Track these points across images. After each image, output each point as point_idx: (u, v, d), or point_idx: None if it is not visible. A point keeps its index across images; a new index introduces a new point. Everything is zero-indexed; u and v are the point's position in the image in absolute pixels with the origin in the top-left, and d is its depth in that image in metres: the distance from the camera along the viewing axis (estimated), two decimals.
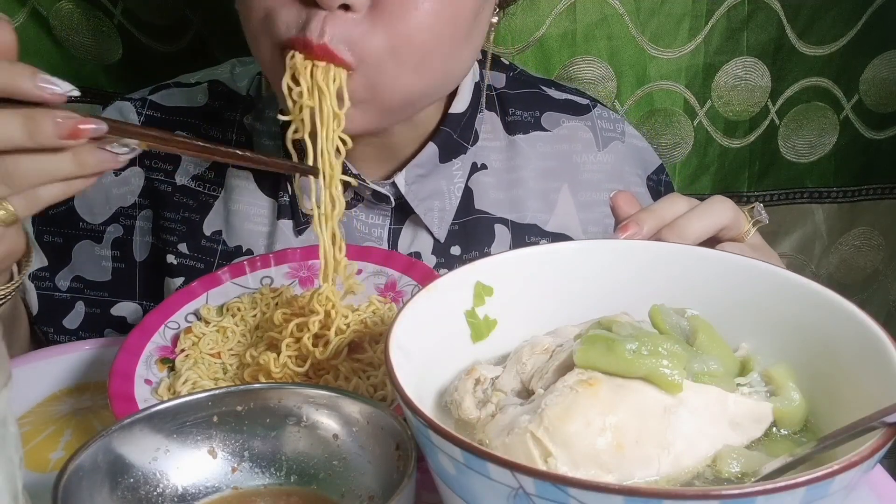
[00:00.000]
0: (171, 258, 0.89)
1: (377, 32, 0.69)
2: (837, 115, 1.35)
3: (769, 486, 0.37)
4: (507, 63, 0.99)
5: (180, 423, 0.52)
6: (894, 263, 1.48)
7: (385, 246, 0.87)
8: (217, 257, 0.88)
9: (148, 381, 0.69)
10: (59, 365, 0.77)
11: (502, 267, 0.59)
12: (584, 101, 0.96)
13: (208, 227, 0.89)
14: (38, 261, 0.90)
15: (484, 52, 0.88)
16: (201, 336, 0.73)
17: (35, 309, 0.90)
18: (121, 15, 1.14)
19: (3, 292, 0.69)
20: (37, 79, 0.57)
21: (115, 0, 1.13)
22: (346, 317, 0.70)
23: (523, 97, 0.94)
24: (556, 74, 1.24)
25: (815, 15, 1.27)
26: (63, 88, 0.58)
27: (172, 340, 0.74)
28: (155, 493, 0.51)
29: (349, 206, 0.85)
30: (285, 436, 0.54)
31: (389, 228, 0.87)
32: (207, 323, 0.75)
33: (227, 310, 0.76)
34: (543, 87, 0.96)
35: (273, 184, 0.88)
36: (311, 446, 0.53)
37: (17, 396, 0.41)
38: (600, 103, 0.98)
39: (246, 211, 0.88)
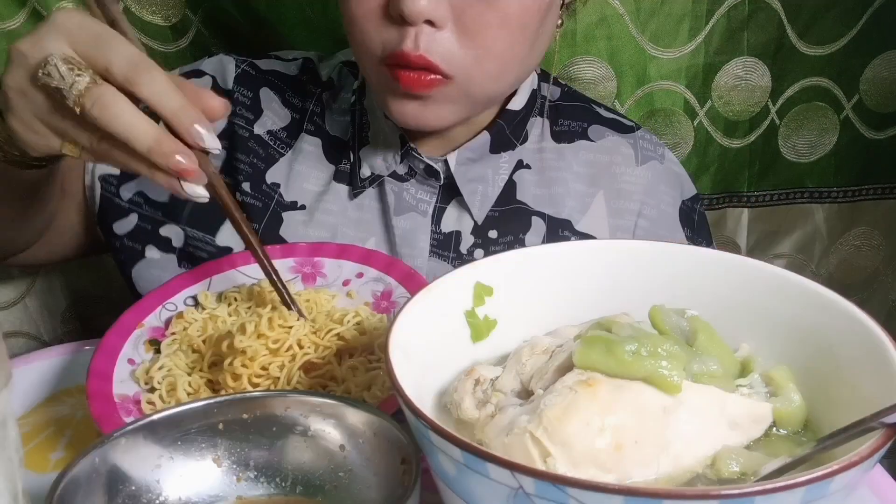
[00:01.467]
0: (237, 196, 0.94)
1: (462, 45, 0.78)
2: (838, 115, 1.35)
3: (769, 486, 0.37)
4: (563, 82, 1.06)
5: (185, 430, 0.51)
6: (894, 263, 1.48)
7: (428, 220, 0.92)
8: (273, 203, 0.93)
9: (131, 361, 0.69)
10: (59, 365, 0.77)
11: (502, 267, 0.59)
12: (630, 124, 1.02)
13: (270, 177, 0.94)
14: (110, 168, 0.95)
15: (545, 73, 1.00)
16: (192, 322, 0.73)
17: (97, 207, 0.94)
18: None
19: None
20: (193, 128, 0.63)
21: (115, 0, 1.13)
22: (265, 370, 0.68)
23: (574, 109, 1.01)
24: (557, 74, 1.24)
25: (815, 15, 1.27)
26: (209, 144, 0.63)
27: (166, 323, 0.74)
28: (157, 502, 0.50)
29: (403, 179, 0.92)
30: (291, 445, 0.53)
31: (436, 206, 0.93)
32: (204, 309, 0.75)
33: (225, 298, 0.76)
34: (594, 105, 1.03)
35: (338, 154, 0.95)
36: (317, 457, 0.52)
37: (17, 397, 0.41)
38: (646, 129, 1.03)
39: (307, 173, 0.94)
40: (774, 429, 0.51)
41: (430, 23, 0.77)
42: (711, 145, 1.33)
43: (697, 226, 1.02)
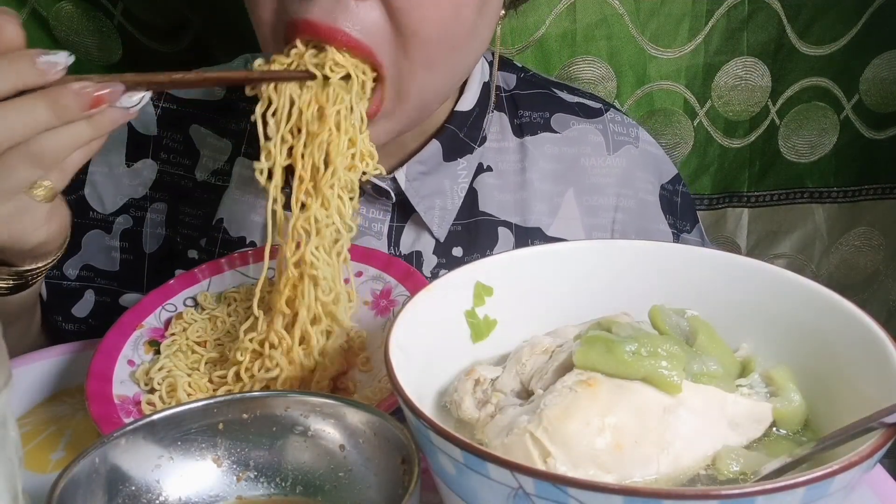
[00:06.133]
0: (192, 253, 0.89)
1: (389, 25, 0.68)
2: (838, 115, 1.35)
3: (769, 485, 0.37)
4: (520, 65, 0.97)
5: (185, 430, 0.51)
6: (894, 263, 1.48)
7: (385, 242, 0.86)
8: (218, 246, 0.87)
9: (131, 362, 0.69)
10: (59, 365, 0.77)
11: (502, 267, 0.59)
12: (597, 105, 0.94)
13: (215, 217, 0.88)
14: None
15: (499, 57, 0.87)
16: (191, 323, 0.73)
17: (44, 297, 0.90)
18: (121, 15, 1.14)
19: (45, 267, 0.69)
20: (36, 63, 0.58)
21: (115, 0, 1.13)
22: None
23: (534, 98, 0.92)
24: (556, 74, 1.24)
25: (815, 15, 1.27)
26: (62, 61, 0.59)
27: (166, 323, 0.74)
28: (157, 502, 0.50)
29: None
30: (291, 445, 0.53)
31: (391, 225, 0.86)
32: (203, 310, 0.75)
33: (224, 299, 0.76)
34: (555, 90, 0.95)
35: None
36: (317, 457, 0.52)
37: (17, 397, 0.41)
38: (616, 108, 0.96)
39: (252, 202, 0.87)
40: (774, 429, 0.51)
41: None
42: (711, 145, 1.33)
43: (680, 210, 0.95)
